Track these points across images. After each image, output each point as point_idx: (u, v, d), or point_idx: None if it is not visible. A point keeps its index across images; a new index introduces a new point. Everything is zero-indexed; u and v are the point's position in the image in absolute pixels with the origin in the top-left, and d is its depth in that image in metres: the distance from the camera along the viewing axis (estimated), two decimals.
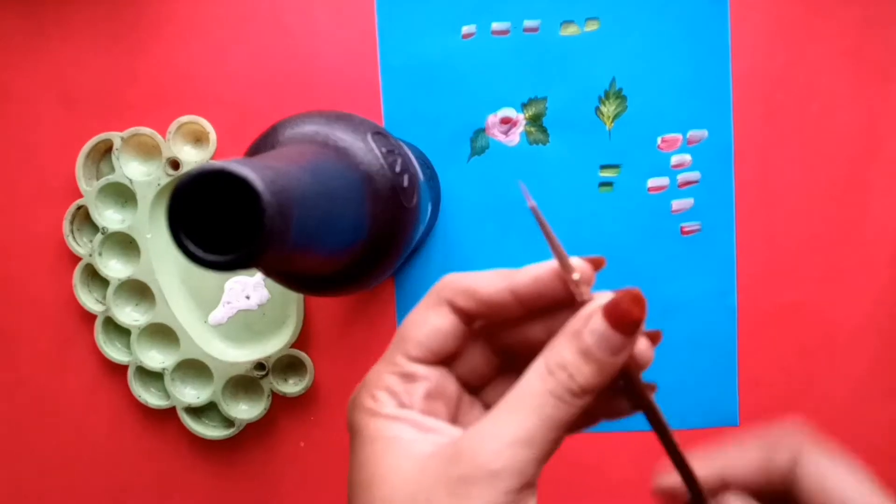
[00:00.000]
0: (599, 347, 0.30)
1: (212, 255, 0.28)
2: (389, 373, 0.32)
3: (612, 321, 0.29)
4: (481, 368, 0.34)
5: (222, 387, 0.59)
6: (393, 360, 0.33)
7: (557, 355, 0.30)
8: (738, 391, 0.58)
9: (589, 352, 0.30)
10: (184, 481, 0.62)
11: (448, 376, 0.34)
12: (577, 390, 0.29)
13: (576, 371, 0.29)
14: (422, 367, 0.32)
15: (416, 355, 0.33)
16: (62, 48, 0.60)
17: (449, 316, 0.33)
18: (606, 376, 0.30)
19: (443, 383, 0.33)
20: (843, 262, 0.57)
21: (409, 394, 0.32)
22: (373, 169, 0.40)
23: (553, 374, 0.30)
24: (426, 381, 0.32)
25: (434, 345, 0.32)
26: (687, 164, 0.57)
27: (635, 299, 0.30)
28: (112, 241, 0.59)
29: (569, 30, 0.57)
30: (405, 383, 0.32)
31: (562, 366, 0.30)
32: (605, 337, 0.29)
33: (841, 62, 0.56)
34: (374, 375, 0.33)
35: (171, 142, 0.58)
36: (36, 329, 0.62)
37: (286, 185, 0.29)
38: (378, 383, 0.32)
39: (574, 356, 0.30)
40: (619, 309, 0.29)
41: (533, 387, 0.30)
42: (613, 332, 0.29)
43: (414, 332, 0.33)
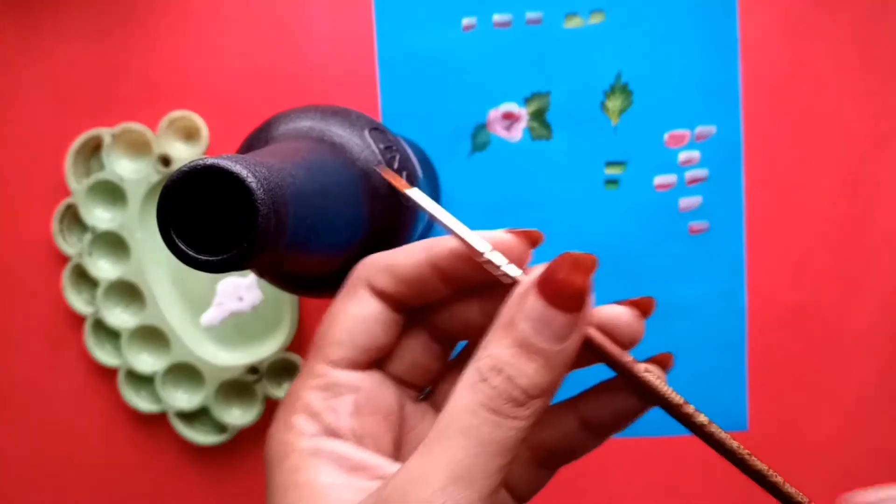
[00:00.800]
0: (540, 334, 0.24)
1: (203, 256, 0.27)
2: (308, 388, 0.27)
3: (549, 297, 0.24)
4: (425, 363, 0.29)
5: (214, 391, 0.58)
6: (312, 370, 0.27)
7: (489, 355, 0.24)
8: (747, 394, 0.57)
9: (528, 343, 0.23)
10: (175, 488, 0.61)
11: (384, 381, 0.28)
12: (520, 397, 0.23)
13: (515, 371, 0.23)
14: (348, 374, 0.27)
15: (338, 358, 0.27)
16: (52, 43, 0.59)
17: (371, 301, 0.27)
18: (558, 371, 0.24)
19: (377, 391, 0.27)
20: (854, 262, 0.56)
21: (333, 411, 0.26)
22: (370, 166, 0.39)
23: (487, 380, 0.23)
24: (354, 392, 0.27)
25: (358, 339, 0.27)
26: (695, 161, 0.56)
27: (575, 263, 0.24)
28: (102, 241, 0.58)
29: (573, 22, 0.56)
30: (328, 398, 0.26)
31: (496, 368, 0.23)
32: (545, 319, 0.24)
33: (850, 57, 0.56)
34: (291, 394, 0.27)
35: (163, 138, 0.57)
36: (24, 332, 0.61)
37: (280, 182, 0.28)
38: (294, 405, 0.26)
39: (510, 352, 0.23)
40: (557, 280, 0.24)
41: (463, 402, 0.23)
42: (555, 311, 0.24)
43: (332, 331, 0.27)
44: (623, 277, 0.56)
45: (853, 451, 0.57)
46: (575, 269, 0.24)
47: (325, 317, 0.28)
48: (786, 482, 0.26)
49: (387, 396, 0.28)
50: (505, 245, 0.27)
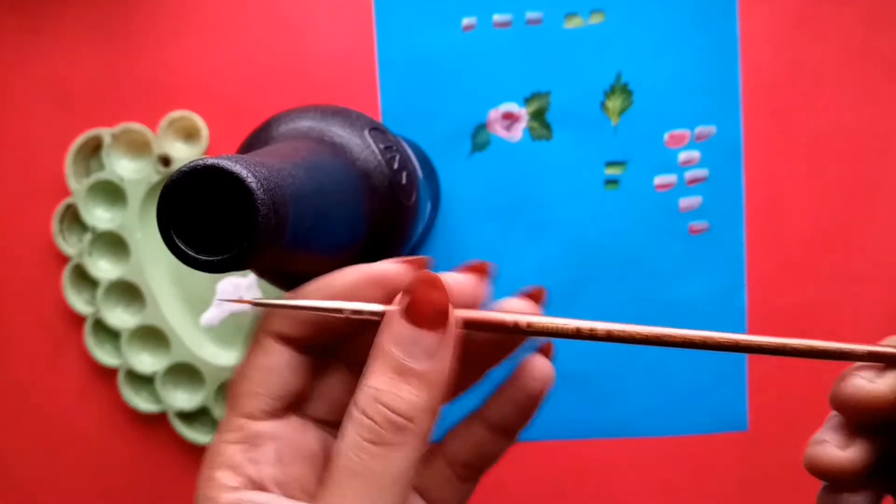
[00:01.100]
0: (411, 356, 0.24)
1: (204, 256, 0.27)
2: (227, 441, 0.26)
3: (413, 319, 0.24)
4: (343, 400, 0.28)
5: (215, 391, 0.58)
6: (230, 423, 0.27)
7: (367, 386, 0.24)
8: (747, 394, 0.57)
9: (401, 366, 0.24)
10: (175, 488, 0.61)
11: (305, 424, 0.28)
12: (400, 422, 0.23)
13: (392, 398, 0.24)
14: (266, 424, 0.27)
15: (253, 410, 0.27)
16: (51, 44, 0.59)
17: (277, 349, 0.27)
18: (436, 388, 0.24)
19: (298, 436, 0.27)
20: (854, 262, 0.56)
21: (254, 463, 0.26)
22: (370, 166, 0.39)
23: (367, 412, 0.24)
24: (273, 442, 0.26)
25: (271, 389, 0.27)
26: (695, 161, 0.56)
27: (428, 282, 0.24)
28: (102, 241, 0.58)
29: (573, 22, 0.56)
30: (248, 450, 0.26)
31: (374, 398, 0.24)
32: (412, 340, 0.24)
33: (850, 58, 0.56)
34: (211, 450, 0.27)
35: (163, 138, 0.57)
36: (24, 332, 0.61)
37: (280, 182, 0.28)
38: (215, 459, 0.26)
39: (385, 379, 0.24)
40: (415, 301, 0.24)
41: (348, 441, 0.24)
42: (420, 332, 0.24)
43: (245, 384, 0.27)
44: (623, 277, 0.56)
45: None
46: (429, 286, 0.24)
47: (237, 369, 0.28)
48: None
49: (308, 440, 0.28)
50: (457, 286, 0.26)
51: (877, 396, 0.26)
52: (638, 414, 0.58)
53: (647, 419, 0.58)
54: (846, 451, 0.26)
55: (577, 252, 0.57)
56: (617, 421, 0.58)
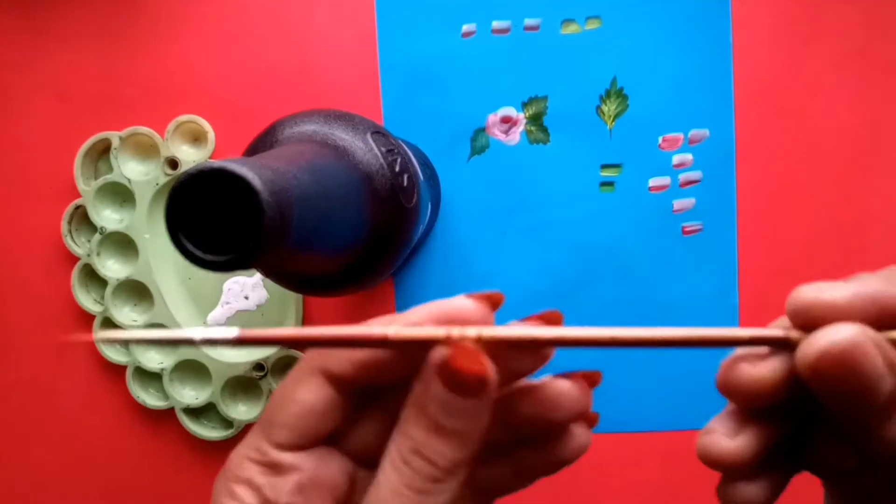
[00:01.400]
0: (450, 416, 0.24)
1: (210, 255, 0.27)
2: (251, 461, 0.27)
3: (451, 386, 0.24)
4: (376, 439, 0.27)
5: (221, 387, 0.59)
6: (257, 444, 0.27)
7: (408, 438, 0.24)
8: None
9: (439, 425, 0.24)
10: (182, 483, 0.62)
11: (332, 455, 0.27)
12: (439, 475, 0.24)
13: (432, 452, 0.24)
14: (291, 455, 0.26)
15: (282, 441, 0.26)
16: (60, 47, 0.59)
17: (323, 388, 0.26)
18: (472, 443, 0.25)
19: (322, 468, 0.27)
20: (846, 262, 0.57)
21: (274, 489, 0.26)
22: (372, 168, 0.39)
23: (408, 463, 0.24)
24: (297, 473, 0.26)
25: (305, 428, 0.26)
26: (688, 164, 0.56)
27: (469, 355, 0.23)
28: (110, 241, 0.59)
29: (570, 28, 0.56)
30: (270, 475, 0.26)
31: (415, 451, 0.24)
32: (451, 404, 0.24)
33: (843, 61, 0.56)
34: (235, 461, 0.27)
35: (170, 141, 0.57)
36: (34, 329, 0.61)
37: (285, 184, 0.29)
38: (238, 474, 0.27)
39: (425, 435, 0.24)
40: (452, 371, 0.23)
41: (389, 485, 0.24)
42: (461, 399, 0.24)
43: (280, 414, 0.27)
44: (618, 277, 0.57)
45: None
46: (469, 358, 0.23)
47: (276, 392, 0.27)
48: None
49: (332, 471, 0.27)
50: (463, 313, 0.25)
51: (761, 381, 0.25)
52: (633, 409, 0.58)
53: (642, 414, 0.58)
54: (735, 439, 0.26)
55: (573, 253, 0.57)
56: (611, 416, 0.58)
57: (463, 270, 0.57)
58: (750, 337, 0.25)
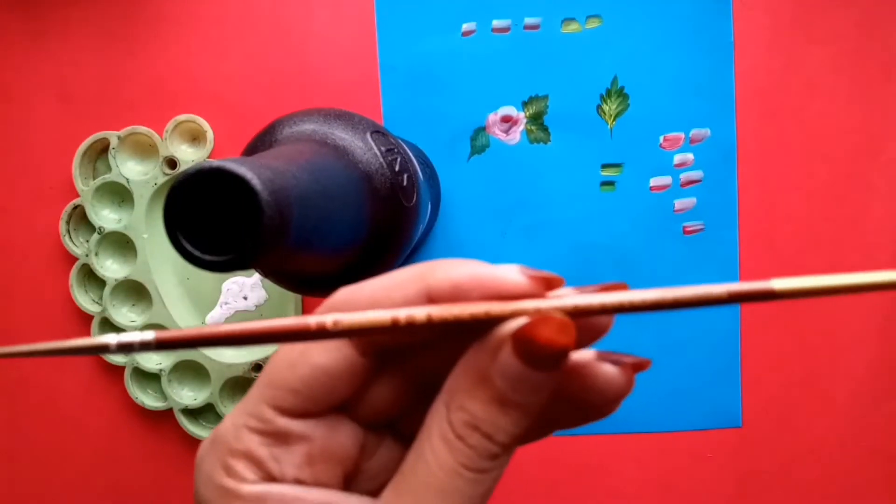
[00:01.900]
0: (518, 391, 0.22)
1: (209, 256, 0.27)
2: (251, 430, 0.23)
3: (526, 358, 0.21)
4: (391, 404, 0.25)
5: (220, 388, 0.58)
6: (257, 410, 0.23)
7: (463, 409, 0.22)
8: (740, 392, 0.57)
9: (504, 398, 0.22)
10: (181, 484, 0.61)
11: (341, 422, 0.24)
12: (499, 451, 0.22)
13: (493, 428, 0.22)
14: (299, 424, 0.23)
15: (289, 406, 0.23)
16: (59, 47, 0.59)
17: (343, 348, 0.23)
18: (532, 418, 0.22)
19: (333, 438, 0.24)
20: (846, 262, 0.57)
21: (278, 461, 0.23)
22: (372, 168, 0.39)
23: (464, 438, 0.22)
24: (305, 443, 0.23)
25: (318, 393, 0.23)
26: (689, 164, 0.56)
27: (560, 328, 0.21)
28: (109, 241, 0.59)
29: (570, 27, 0.56)
30: (272, 445, 0.23)
31: (471, 424, 0.22)
32: (525, 379, 0.21)
33: (843, 61, 0.56)
34: (229, 430, 0.23)
35: (168, 141, 0.57)
36: (32, 330, 0.61)
37: (284, 184, 0.29)
38: (234, 446, 0.23)
39: (486, 408, 0.22)
40: (537, 342, 0.21)
41: (439, 461, 0.22)
42: (533, 372, 0.21)
43: (287, 375, 0.23)
44: (619, 277, 0.57)
45: (847, 448, 0.57)
46: (560, 333, 0.21)
47: (281, 351, 0.24)
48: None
49: (343, 440, 0.24)
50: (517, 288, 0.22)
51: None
52: (633, 410, 0.58)
53: (641, 415, 0.58)
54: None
55: (573, 252, 0.57)
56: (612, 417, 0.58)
57: None
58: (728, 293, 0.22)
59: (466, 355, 0.22)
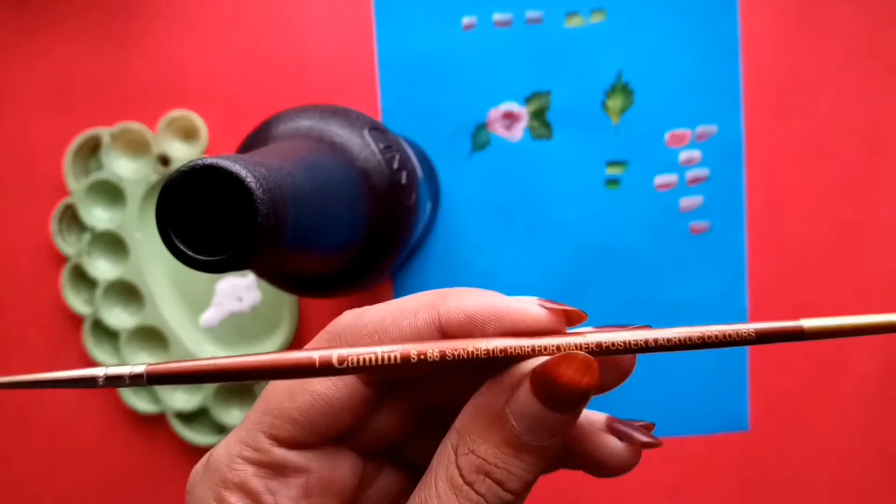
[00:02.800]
0: (535, 433, 0.20)
1: (203, 256, 0.27)
2: (246, 460, 0.22)
3: (546, 399, 0.20)
4: (392, 433, 0.24)
5: (213, 392, 0.58)
6: (253, 440, 0.22)
7: (473, 453, 0.21)
8: (748, 395, 0.57)
9: (520, 442, 0.20)
10: (174, 489, 0.61)
11: (340, 452, 0.24)
12: (509, 499, 0.21)
13: (504, 475, 0.20)
14: (296, 455, 0.22)
15: (287, 437, 0.22)
16: (50, 43, 0.59)
17: (343, 378, 0.23)
18: (546, 464, 0.21)
19: (332, 469, 0.23)
20: (855, 261, 0.56)
21: (273, 493, 0.22)
22: (370, 165, 0.39)
23: (472, 484, 0.20)
24: (302, 475, 0.23)
25: (317, 422, 0.22)
26: (696, 161, 0.56)
27: (583, 366, 0.20)
28: (100, 241, 0.58)
29: (573, 21, 0.55)
30: (270, 478, 0.22)
31: (482, 470, 0.20)
32: (540, 420, 0.20)
33: (851, 57, 0.55)
34: (222, 459, 0.23)
35: (161, 137, 0.57)
36: (22, 331, 0.61)
37: (280, 182, 0.28)
38: (227, 476, 0.22)
39: (498, 452, 0.20)
40: (557, 385, 0.20)
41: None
42: (552, 413, 0.20)
43: (285, 402, 0.22)
44: (623, 277, 0.56)
45: (854, 451, 0.57)
46: (584, 372, 0.20)
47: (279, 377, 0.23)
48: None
49: (342, 471, 0.23)
50: (536, 323, 0.21)
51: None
52: (639, 414, 0.57)
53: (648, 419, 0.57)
54: None
55: (577, 252, 0.56)
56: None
57: (463, 270, 0.56)
58: (756, 332, 0.22)
59: (478, 394, 0.21)
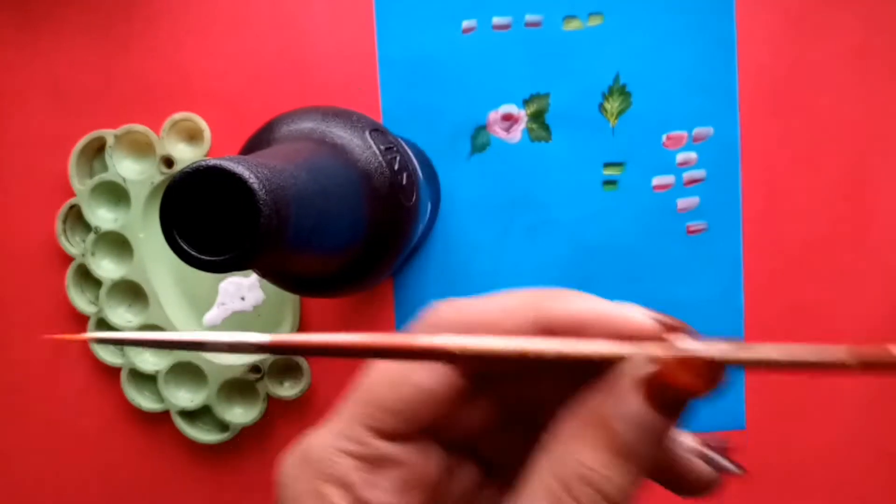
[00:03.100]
0: (642, 441, 0.20)
1: (206, 256, 0.27)
2: (346, 452, 0.22)
3: (659, 405, 0.20)
4: (478, 428, 0.24)
5: (217, 390, 0.58)
6: (352, 431, 0.22)
7: (575, 461, 0.20)
8: (744, 394, 0.57)
9: (627, 450, 0.20)
10: (178, 486, 0.61)
11: (432, 447, 0.23)
12: None
13: (607, 484, 0.20)
14: (395, 447, 0.22)
15: (388, 429, 0.22)
16: (54, 44, 0.59)
17: (444, 370, 0.23)
18: (646, 474, 0.21)
19: (424, 463, 0.23)
20: (852, 262, 0.56)
21: (372, 486, 0.22)
22: (371, 167, 0.39)
23: (572, 491, 0.20)
24: (397, 467, 0.22)
25: (418, 413, 0.22)
26: (692, 162, 0.56)
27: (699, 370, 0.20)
28: (105, 241, 0.58)
29: (572, 24, 0.56)
30: (369, 471, 0.22)
31: (584, 478, 0.20)
32: (649, 426, 0.20)
33: (848, 58, 0.55)
34: (320, 450, 0.22)
35: (165, 139, 0.57)
36: (28, 331, 0.61)
37: (282, 183, 0.28)
38: (327, 470, 0.22)
39: (603, 459, 0.20)
40: (673, 388, 0.20)
41: None
42: (661, 418, 0.20)
43: (387, 393, 0.22)
44: (621, 277, 0.56)
45: (851, 451, 0.57)
46: (698, 376, 0.20)
47: (381, 369, 0.23)
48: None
49: (433, 465, 0.23)
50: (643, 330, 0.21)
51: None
52: None
53: None
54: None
55: (575, 252, 0.57)
56: None
57: (463, 270, 0.57)
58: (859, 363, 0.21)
59: (582, 400, 0.21)
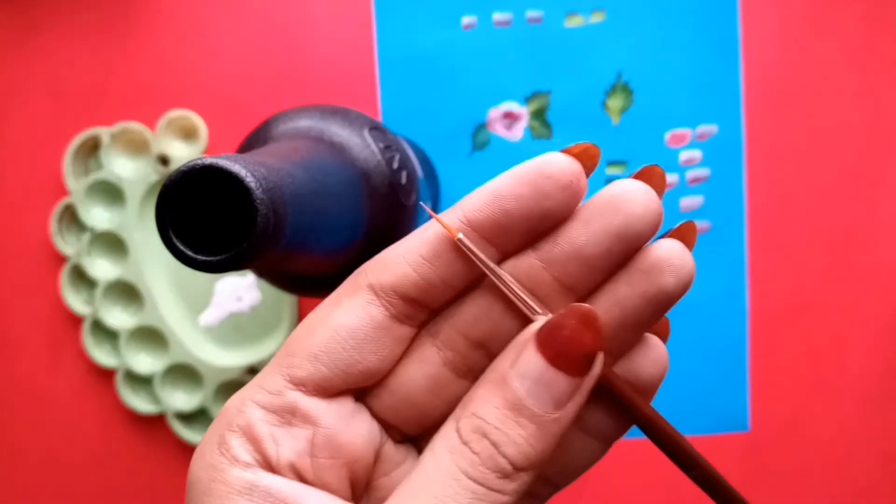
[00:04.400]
0: (536, 398, 0.20)
1: (202, 256, 0.26)
2: (257, 403, 0.21)
3: (551, 356, 0.20)
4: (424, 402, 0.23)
5: (213, 392, 0.58)
6: (266, 380, 0.21)
7: (474, 413, 0.20)
8: (748, 395, 0.57)
9: (520, 405, 0.20)
10: (174, 490, 0.61)
11: (358, 414, 0.22)
12: (506, 467, 0.20)
13: (502, 437, 0.19)
14: (310, 400, 0.21)
15: (304, 377, 0.21)
16: (49, 43, 0.58)
17: (369, 307, 0.21)
18: (551, 441, 0.20)
19: (345, 429, 0.21)
20: (856, 262, 0.56)
21: (277, 444, 0.20)
22: (370, 165, 0.39)
23: (468, 443, 0.20)
24: (311, 426, 0.21)
25: (340, 358, 0.21)
26: (696, 161, 0.56)
27: (584, 318, 0.20)
28: (100, 241, 0.58)
29: (573, 21, 0.55)
30: (277, 424, 0.21)
31: (480, 430, 0.20)
32: (543, 381, 0.20)
33: (851, 56, 0.55)
34: (234, 401, 0.21)
35: (161, 137, 0.56)
36: (21, 332, 0.60)
37: (280, 181, 0.28)
38: (234, 419, 0.21)
39: (498, 413, 0.20)
40: (561, 337, 0.20)
41: (440, 466, 0.20)
42: (556, 373, 0.20)
43: (307, 340, 0.21)
44: None
45: (854, 451, 0.57)
46: (584, 325, 0.20)
47: (306, 319, 0.22)
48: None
49: (357, 436, 0.22)
50: (563, 173, 0.20)
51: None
52: None
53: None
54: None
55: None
56: None
57: None
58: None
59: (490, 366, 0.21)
